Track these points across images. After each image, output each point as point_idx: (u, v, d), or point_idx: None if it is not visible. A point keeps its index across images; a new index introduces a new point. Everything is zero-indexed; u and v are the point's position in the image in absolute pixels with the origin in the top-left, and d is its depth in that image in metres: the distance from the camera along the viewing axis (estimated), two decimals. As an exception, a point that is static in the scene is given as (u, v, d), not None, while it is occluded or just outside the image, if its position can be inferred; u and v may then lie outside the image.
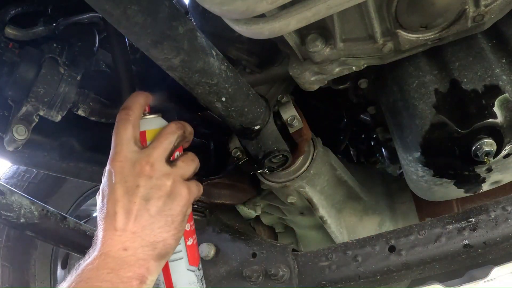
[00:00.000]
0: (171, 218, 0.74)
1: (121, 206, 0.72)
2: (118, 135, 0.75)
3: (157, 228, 0.73)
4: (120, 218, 0.72)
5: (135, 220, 0.72)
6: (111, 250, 0.70)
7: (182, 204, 0.75)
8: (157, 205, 0.73)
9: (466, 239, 0.80)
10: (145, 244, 0.72)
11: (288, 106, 0.92)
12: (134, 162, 0.73)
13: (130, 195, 0.72)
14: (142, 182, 0.72)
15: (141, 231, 0.72)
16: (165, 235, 0.73)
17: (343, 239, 1.12)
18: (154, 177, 0.73)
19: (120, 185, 0.73)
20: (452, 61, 0.81)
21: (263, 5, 0.47)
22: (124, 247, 0.71)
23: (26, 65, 0.75)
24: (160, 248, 0.73)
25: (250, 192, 1.13)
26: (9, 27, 0.77)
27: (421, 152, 0.82)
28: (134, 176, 0.73)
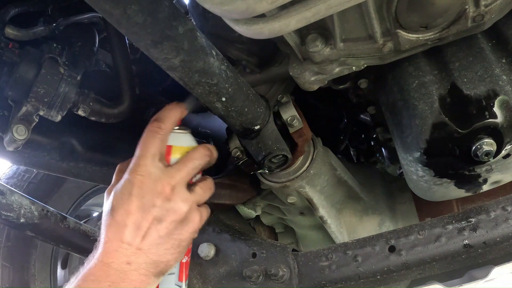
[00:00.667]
0: (178, 242, 0.75)
1: (133, 220, 0.72)
2: (144, 147, 0.74)
3: (163, 249, 0.74)
4: (129, 232, 0.71)
5: (144, 237, 0.72)
6: (114, 262, 0.70)
7: (192, 230, 0.76)
8: (169, 228, 0.73)
9: (466, 239, 0.80)
10: (149, 262, 0.72)
11: (288, 106, 0.92)
12: (155, 180, 0.73)
13: (145, 212, 0.72)
14: (159, 203, 0.73)
15: (147, 249, 0.72)
16: (169, 257, 0.74)
17: (343, 239, 1.12)
18: (172, 201, 0.74)
19: (136, 199, 0.72)
20: (452, 61, 0.81)
21: (263, 5, 0.47)
22: (128, 261, 0.71)
23: (26, 65, 0.75)
24: (162, 268, 0.74)
25: (250, 192, 1.13)
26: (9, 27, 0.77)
27: (422, 152, 0.82)
28: (152, 195, 0.73)
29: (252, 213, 1.24)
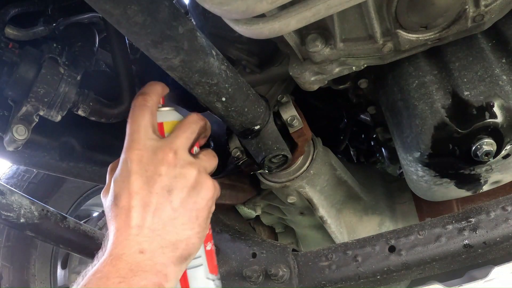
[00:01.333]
0: (195, 213, 0.64)
1: (139, 199, 0.62)
2: (135, 122, 0.67)
3: (180, 225, 0.63)
4: (136, 213, 0.61)
5: (155, 214, 0.61)
6: (124, 253, 0.59)
7: (208, 197, 0.67)
8: (181, 196, 0.63)
9: (466, 239, 0.80)
10: (165, 245, 0.61)
11: (288, 106, 0.92)
12: (154, 150, 0.65)
13: (150, 186, 0.62)
14: (164, 170, 0.63)
15: (161, 228, 0.61)
16: (189, 232, 0.63)
17: (343, 239, 1.12)
18: (178, 165, 0.65)
19: (138, 175, 0.63)
20: (452, 61, 0.81)
21: (263, 5, 0.47)
22: (141, 249, 0.60)
23: (26, 65, 0.75)
24: (183, 249, 0.63)
25: (250, 192, 1.13)
26: (9, 27, 0.77)
27: (421, 152, 0.82)
28: (155, 165, 0.64)
29: (252, 213, 1.24)
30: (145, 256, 0.60)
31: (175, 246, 0.62)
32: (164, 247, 0.61)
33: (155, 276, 0.59)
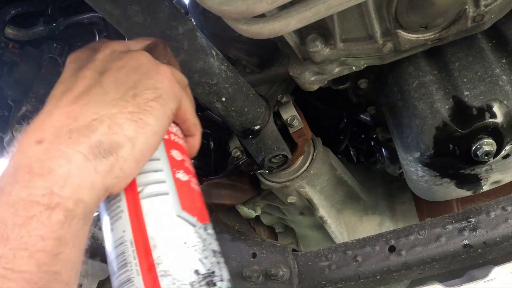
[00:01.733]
0: (133, 91, 0.44)
1: (62, 86, 0.45)
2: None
3: (106, 104, 0.43)
4: (53, 99, 0.44)
5: (76, 96, 0.43)
6: (18, 151, 0.41)
7: (157, 78, 0.47)
8: (116, 76, 0.45)
9: (466, 239, 0.80)
10: (76, 128, 0.41)
11: (288, 106, 0.92)
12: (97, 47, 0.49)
13: (80, 71, 0.46)
14: (101, 55, 0.48)
15: (78, 108, 0.42)
16: (115, 110, 0.42)
17: (343, 239, 1.12)
18: (120, 49, 0.49)
19: (71, 66, 0.48)
20: (452, 61, 0.81)
21: (263, 5, 0.47)
22: (39, 139, 0.40)
23: (26, 65, 0.75)
24: (102, 133, 0.41)
25: (250, 192, 1.13)
26: (9, 27, 0.77)
27: (421, 152, 0.82)
28: (93, 53, 0.48)
29: (252, 213, 1.24)
30: (41, 148, 0.40)
31: (90, 127, 0.41)
32: (73, 131, 0.40)
33: (42, 179, 0.38)
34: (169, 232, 0.45)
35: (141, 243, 0.43)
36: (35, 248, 0.36)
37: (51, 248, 0.37)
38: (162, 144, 0.50)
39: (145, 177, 0.47)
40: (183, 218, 0.46)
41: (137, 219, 0.44)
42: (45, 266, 0.37)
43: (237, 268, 0.93)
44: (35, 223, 0.37)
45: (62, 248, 0.38)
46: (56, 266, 0.38)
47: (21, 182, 0.38)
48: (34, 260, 0.36)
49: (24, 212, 0.37)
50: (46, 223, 0.37)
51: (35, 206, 0.37)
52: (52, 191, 0.38)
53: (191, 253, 0.45)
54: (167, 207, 0.46)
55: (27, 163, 0.39)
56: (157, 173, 0.47)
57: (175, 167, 0.49)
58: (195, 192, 0.51)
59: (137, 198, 0.45)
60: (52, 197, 0.38)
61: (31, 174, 0.38)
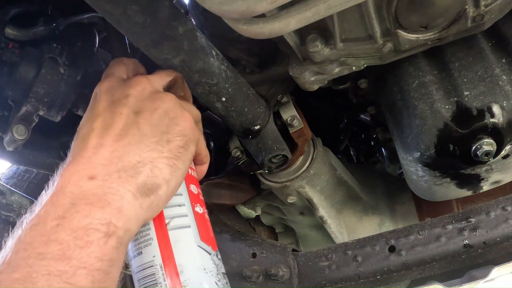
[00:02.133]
0: (167, 137, 0.52)
1: (101, 120, 0.51)
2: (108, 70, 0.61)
3: (146, 146, 0.50)
4: (95, 135, 0.50)
5: (117, 136, 0.50)
6: (70, 183, 0.46)
7: (184, 126, 0.54)
8: (151, 118, 0.52)
9: (466, 239, 0.80)
10: (123, 168, 0.47)
11: (288, 106, 0.92)
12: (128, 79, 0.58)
13: (115, 107, 0.52)
14: (133, 92, 0.54)
15: (121, 148, 0.49)
16: (155, 155, 0.50)
17: (343, 239, 1.12)
18: (149, 88, 0.56)
19: (103, 100, 0.54)
20: (452, 61, 0.81)
21: (263, 5, 0.47)
22: (91, 174, 0.46)
23: (26, 65, 0.75)
24: (146, 175, 0.49)
25: (250, 192, 1.13)
26: (9, 27, 0.77)
27: (421, 152, 0.82)
28: (124, 88, 0.55)
29: (252, 213, 1.24)
30: (95, 183, 0.46)
31: (135, 169, 0.48)
32: (121, 171, 0.47)
33: (101, 211, 0.45)
34: (193, 260, 0.53)
35: (170, 267, 0.51)
36: (92, 267, 0.43)
37: (105, 268, 0.44)
38: (183, 181, 0.58)
39: (171, 211, 0.55)
40: (202, 248, 0.55)
41: (165, 247, 0.53)
42: (98, 283, 0.43)
43: (237, 268, 0.93)
44: (94, 247, 0.44)
45: (112, 268, 0.45)
46: (106, 283, 0.44)
47: (82, 212, 0.44)
48: (91, 277, 0.42)
49: (85, 237, 0.43)
50: (103, 247, 0.44)
51: (95, 232, 0.44)
52: (110, 221, 0.45)
53: (210, 277, 0.53)
54: (190, 238, 0.55)
55: (84, 196, 0.46)
56: (180, 208, 0.56)
57: (194, 201, 0.59)
58: (208, 223, 0.60)
59: (165, 229, 0.54)
60: (110, 227, 0.45)
61: (91, 206, 0.45)
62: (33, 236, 0.43)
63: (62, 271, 0.41)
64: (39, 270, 0.40)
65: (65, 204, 0.45)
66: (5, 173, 1.84)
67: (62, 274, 0.41)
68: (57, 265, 0.41)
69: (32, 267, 0.41)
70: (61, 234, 0.43)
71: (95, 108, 0.54)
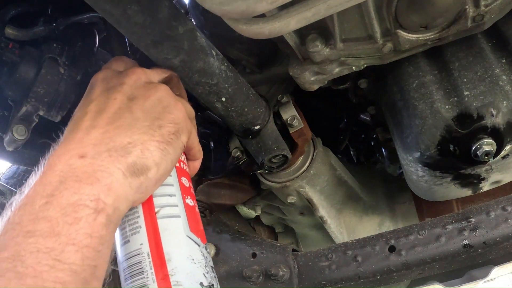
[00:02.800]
0: (159, 122, 0.53)
1: (95, 104, 0.52)
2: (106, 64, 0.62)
3: (138, 129, 0.51)
4: (88, 118, 0.51)
5: (109, 117, 0.51)
6: (60, 161, 0.46)
7: (176, 114, 0.55)
8: (144, 104, 0.53)
9: (466, 239, 0.80)
10: (113, 147, 0.48)
11: (288, 106, 0.92)
12: (122, 71, 0.58)
13: (110, 93, 0.53)
14: (128, 81, 0.55)
15: (113, 130, 0.49)
16: (146, 137, 0.50)
17: (343, 239, 1.12)
18: (144, 79, 0.57)
19: (99, 86, 0.55)
20: (452, 61, 0.81)
21: (263, 5, 0.47)
22: (81, 153, 0.47)
23: (26, 65, 0.75)
24: (137, 156, 0.49)
25: (250, 192, 1.13)
26: (9, 27, 0.77)
27: (421, 152, 0.82)
28: (120, 77, 0.56)
29: (252, 213, 1.24)
30: (85, 161, 0.46)
31: (126, 149, 0.49)
32: (111, 150, 0.48)
33: (90, 188, 0.45)
34: (181, 249, 0.52)
35: (157, 256, 0.50)
36: (82, 244, 0.42)
37: (94, 245, 0.43)
38: (175, 172, 0.58)
39: (161, 200, 0.55)
40: (191, 238, 0.55)
41: (154, 235, 0.52)
42: (88, 260, 0.43)
43: (237, 268, 0.93)
44: (83, 223, 0.43)
45: (101, 246, 0.44)
46: (96, 261, 0.43)
47: (71, 189, 0.44)
48: (80, 254, 0.42)
49: (74, 214, 0.43)
50: (92, 224, 0.44)
51: (84, 208, 0.44)
52: (99, 198, 0.45)
53: (197, 268, 0.53)
54: (179, 228, 0.54)
55: (74, 173, 0.45)
56: (171, 198, 0.56)
57: (185, 193, 0.58)
58: (198, 216, 0.60)
59: (154, 217, 0.53)
60: (99, 203, 0.45)
61: (80, 183, 0.45)
62: (22, 216, 0.43)
63: (50, 248, 0.41)
64: (27, 248, 0.40)
65: (54, 182, 0.45)
66: (5, 173, 1.83)
67: (51, 251, 0.41)
68: (46, 242, 0.41)
69: (20, 245, 0.40)
70: (49, 211, 0.43)
71: (89, 95, 0.55)
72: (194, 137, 0.61)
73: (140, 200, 0.52)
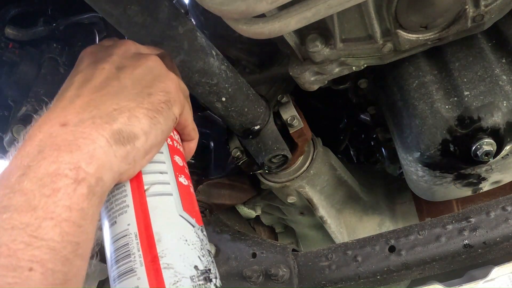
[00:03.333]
0: (148, 90, 0.49)
1: (81, 75, 0.49)
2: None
3: (125, 97, 0.47)
4: (73, 87, 0.48)
5: (96, 86, 0.47)
6: (40, 131, 0.43)
7: (168, 84, 0.52)
8: (133, 73, 0.50)
9: (466, 239, 0.80)
10: (98, 114, 0.44)
11: (288, 106, 0.92)
12: (112, 44, 0.55)
13: (97, 64, 0.50)
14: (118, 51, 0.52)
15: (99, 98, 0.46)
16: (134, 104, 0.47)
17: (343, 239, 1.12)
18: (134, 50, 0.54)
19: (88, 58, 0.52)
20: (452, 61, 0.81)
21: (263, 5, 0.47)
22: (63, 121, 0.43)
23: (26, 65, 0.75)
24: (123, 123, 0.45)
25: (250, 192, 1.13)
26: (9, 27, 0.77)
27: (422, 152, 0.82)
28: (108, 49, 0.53)
29: (252, 213, 1.24)
30: (66, 129, 0.43)
31: (111, 116, 0.45)
32: (96, 117, 0.44)
33: (70, 156, 0.41)
34: (172, 229, 0.48)
35: (146, 236, 0.46)
36: (60, 218, 0.38)
37: (75, 219, 0.39)
38: (167, 150, 0.54)
39: (152, 177, 0.50)
40: (185, 218, 0.49)
41: (143, 214, 0.47)
42: (69, 236, 0.39)
43: (237, 268, 0.93)
44: (62, 194, 0.39)
45: (84, 221, 0.40)
46: (78, 237, 0.39)
47: (49, 158, 0.40)
48: (58, 229, 0.38)
49: (52, 185, 0.39)
50: (72, 195, 0.40)
51: (63, 178, 0.40)
52: (80, 166, 0.41)
53: (192, 250, 0.48)
54: (171, 206, 0.49)
55: (53, 142, 0.42)
56: (162, 175, 0.51)
57: (178, 171, 0.53)
58: (193, 196, 0.54)
59: (143, 195, 0.48)
60: (79, 172, 0.41)
61: (59, 151, 0.41)
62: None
63: (26, 223, 0.37)
64: (1, 224, 0.37)
65: (32, 153, 0.41)
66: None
67: (26, 227, 0.37)
68: (21, 218, 0.37)
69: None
70: (25, 183, 0.39)
71: (77, 67, 0.52)
72: (188, 113, 0.57)
73: (127, 173, 0.47)
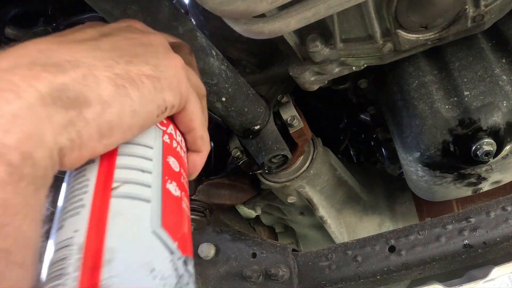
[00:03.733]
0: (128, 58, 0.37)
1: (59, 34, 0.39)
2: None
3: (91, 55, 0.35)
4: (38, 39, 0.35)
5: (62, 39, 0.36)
6: None
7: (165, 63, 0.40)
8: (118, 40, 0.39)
9: (466, 239, 0.80)
10: (40, 61, 0.32)
11: (288, 106, 0.92)
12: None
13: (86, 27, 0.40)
14: (114, 24, 0.43)
15: (57, 48, 0.34)
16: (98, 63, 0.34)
17: (343, 239, 1.12)
18: (140, 27, 0.44)
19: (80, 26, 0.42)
20: (452, 61, 0.81)
21: (263, 5, 0.47)
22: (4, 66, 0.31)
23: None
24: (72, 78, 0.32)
25: (250, 192, 1.13)
26: (9, 27, 0.77)
27: (421, 152, 0.82)
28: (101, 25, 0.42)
29: (252, 213, 1.24)
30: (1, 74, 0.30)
31: (59, 66, 0.32)
32: (36, 64, 0.31)
33: None
34: (135, 249, 0.32)
35: (92, 252, 0.31)
36: None
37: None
38: (160, 146, 0.41)
39: (127, 174, 0.36)
40: (160, 238, 0.34)
41: (98, 220, 0.32)
42: None
43: (237, 268, 0.93)
44: None
45: (9, 218, 0.27)
46: (4, 242, 0.26)
47: None
48: None
49: None
50: None
51: None
52: None
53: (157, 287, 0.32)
54: (142, 217, 0.34)
55: None
56: (143, 174, 0.37)
57: (168, 175, 0.39)
58: (184, 214, 0.39)
59: (107, 194, 0.34)
60: None
61: None
62: None
63: None
64: None
65: None
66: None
67: None
68: None
69: None
70: None
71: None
72: (196, 113, 0.44)
73: (70, 153, 0.32)
